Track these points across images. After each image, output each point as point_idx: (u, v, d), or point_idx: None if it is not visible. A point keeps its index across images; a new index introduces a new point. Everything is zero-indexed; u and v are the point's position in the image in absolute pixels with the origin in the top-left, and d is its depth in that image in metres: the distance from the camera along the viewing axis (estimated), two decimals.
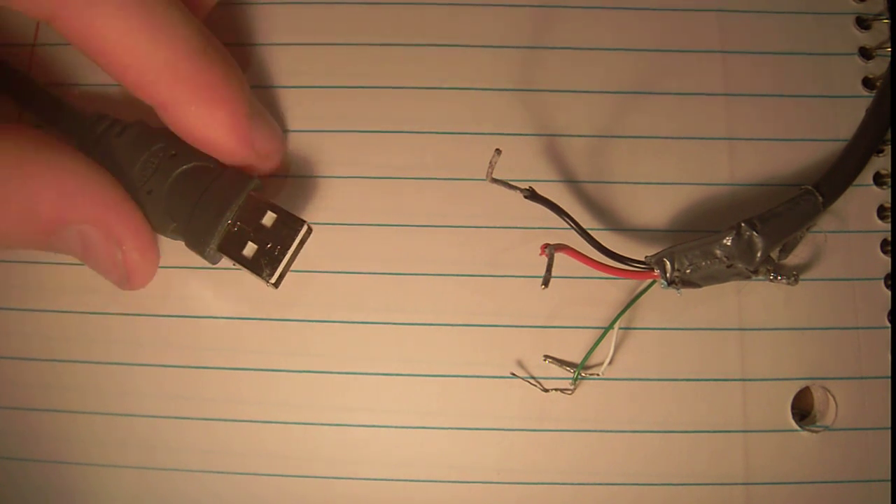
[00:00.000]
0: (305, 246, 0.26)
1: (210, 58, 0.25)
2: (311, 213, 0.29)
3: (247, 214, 0.26)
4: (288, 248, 0.25)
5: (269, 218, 0.25)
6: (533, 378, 0.28)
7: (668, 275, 0.26)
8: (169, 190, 0.26)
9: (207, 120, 0.25)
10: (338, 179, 0.29)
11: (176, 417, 0.28)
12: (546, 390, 0.27)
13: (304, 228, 0.25)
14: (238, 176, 0.26)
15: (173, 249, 0.28)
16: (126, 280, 0.26)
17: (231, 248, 0.26)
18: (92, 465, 0.28)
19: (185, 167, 0.26)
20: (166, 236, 0.27)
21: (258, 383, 0.28)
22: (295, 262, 0.26)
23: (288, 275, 0.26)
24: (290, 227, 0.25)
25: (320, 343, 0.28)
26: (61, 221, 0.24)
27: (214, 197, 0.25)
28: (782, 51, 0.30)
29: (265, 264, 0.25)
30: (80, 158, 0.25)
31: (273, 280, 0.25)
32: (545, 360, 0.28)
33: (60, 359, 0.28)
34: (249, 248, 0.25)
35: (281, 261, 0.25)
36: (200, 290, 0.28)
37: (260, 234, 0.25)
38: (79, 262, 0.26)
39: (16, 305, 0.28)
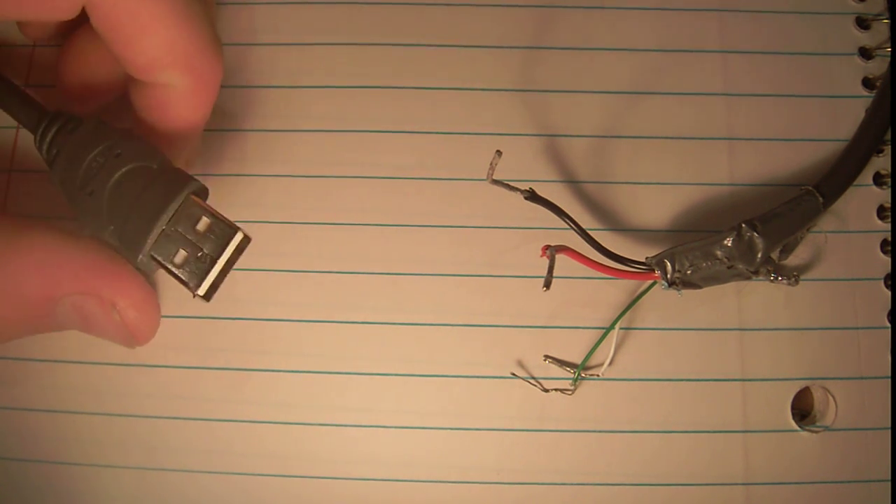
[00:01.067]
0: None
1: (215, 46, 0.25)
2: (311, 213, 0.29)
3: (184, 220, 0.24)
4: (218, 258, 0.23)
5: (204, 224, 0.24)
6: (533, 378, 0.28)
7: (668, 276, 0.26)
8: (110, 192, 0.24)
9: (193, 103, 0.25)
10: (338, 179, 0.29)
11: (175, 418, 0.28)
12: (546, 390, 0.27)
13: (239, 237, 0.24)
14: (178, 177, 0.24)
15: None
16: (131, 339, 0.26)
17: (164, 255, 0.24)
18: (91, 465, 0.28)
19: (127, 167, 0.24)
20: (104, 239, 0.25)
21: (258, 383, 0.28)
22: (295, 263, 0.26)
23: (288, 275, 0.26)
24: (224, 235, 0.24)
25: (320, 343, 0.28)
26: (50, 299, 0.24)
27: (151, 200, 0.24)
28: (782, 51, 0.30)
29: (192, 274, 0.24)
30: (56, 232, 0.24)
31: (201, 292, 0.24)
32: (545, 361, 0.28)
33: (59, 359, 0.28)
34: (181, 256, 0.24)
35: (209, 271, 0.23)
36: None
37: (194, 241, 0.24)
38: None
39: None
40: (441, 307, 0.28)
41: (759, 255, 0.26)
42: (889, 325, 0.28)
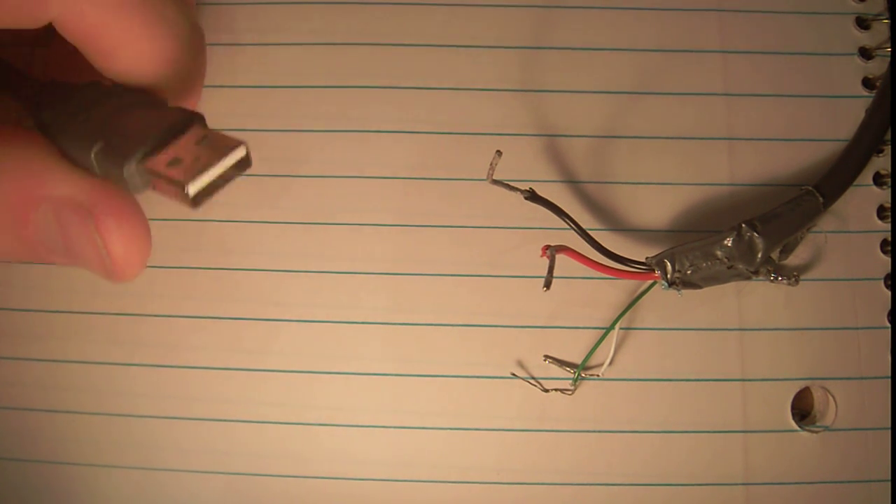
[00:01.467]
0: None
1: (195, 45, 0.25)
2: (311, 213, 0.29)
3: (181, 139, 0.22)
4: (218, 161, 0.21)
5: (204, 138, 0.22)
6: (533, 378, 0.28)
7: (668, 276, 0.26)
8: (105, 113, 0.23)
9: (179, 96, 0.25)
10: (338, 179, 0.29)
11: (175, 418, 0.28)
12: (546, 390, 0.28)
13: (242, 151, 0.22)
14: (180, 108, 0.23)
15: (173, 250, 0.28)
16: (111, 267, 0.23)
17: (155, 162, 0.22)
18: (90, 465, 0.28)
19: (125, 97, 0.23)
20: (87, 166, 0.23)
21: (258, 384, 0.28)
22: (295, 263, 0.26)
23: (288, 274, 0.26)
24: (225, 146, 0.22)
25: (320, 343, 0.28)
26: (31, 202, 0.23)
27: (149, 117, 0.23)
28: (782, 51, 0.30)
29: (186, 173, 0.21)
30: (37, 139, 0.23)
31: (191, 191, 0.21)
32: (545, 361, 0.28)
33: (58, 359, 0.28)
34: (173, 161, 0.22)
35: (203, 172, 0.21)
36: (200, 290, 0.28)
37: (191, 151, 0.22)
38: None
39: (15, 306, 0.28)
40: (441, 307, 0.28)
41: (760, 255, 0.26)
42: (889, 325, 0.28)
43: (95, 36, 0.23)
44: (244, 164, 0.22)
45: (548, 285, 0.24)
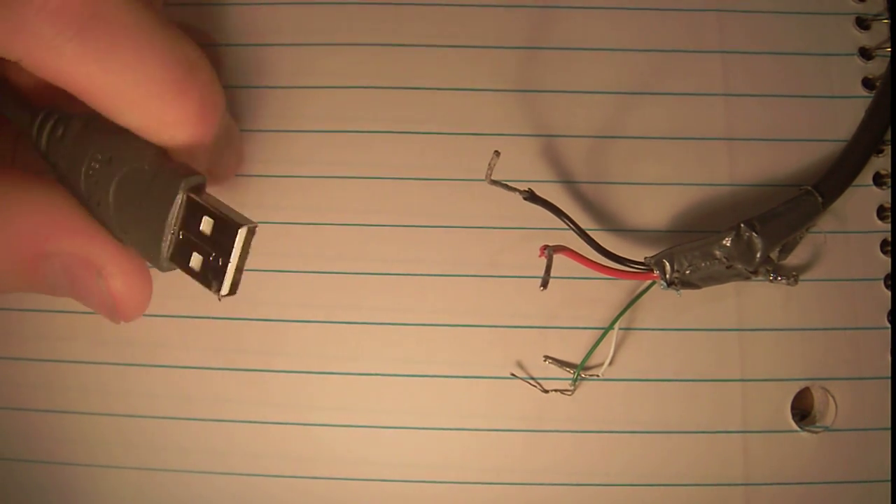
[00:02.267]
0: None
1: (182, 70, 0.23)
2: (311, 213, 0.29)
3: (189, 219, 0.23)
4: (229, 256, 0.22)
5: (207, 224, 0.23)
6: (533, 379, 0.28)
7: (667, 276, 0.26)
8: (113, 203, 0.24)
9: (175, 120, 0.24)
10: (338, 179, 0.29)
11: (179, 418, 0.28)
12: (546, 391, 0.27)
13: (244, 232, 0.22)
14: (170, 177, 0.23)
15: None
16: (114, 311, 0.24)
17: (180, 259, 0.23)
18: (94, 465, 0.28)
19: (121, 174, 0.23)
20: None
21: (258, 384, 0.28)
22: (294, 263, 0.26)
23: (287, 275, 0.26)
24: (229, 232, 0.23)
25: (319, 343, 0.28)
26: (40, 253, 0.23)
27: (150, 208, 0.23)
28: (782, 51, 0.30)
29: (212, 277, 0.23)
30: (55, 190, 0.24)
31: (223, 292, 0.23)
32: (545, 361, 0.28)
33: (63, 359, 0.28)
34: (196, 261, 0.23)
35: (225, 272, 0.22)
36: (200, 291, 0.28)
37: (203, 241, 0.23)
38: None
39: (18, 306, 0.28)
40: (441, 307, 0.28)
41: (759, 256, 0.26)
42: (889, 325, 0.28)
43: (73, 84, 0.22)
44: (251, 235, 0.23)
45: (545, 285, 0.24)
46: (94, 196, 0.24)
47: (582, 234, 0.26)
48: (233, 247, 0.22)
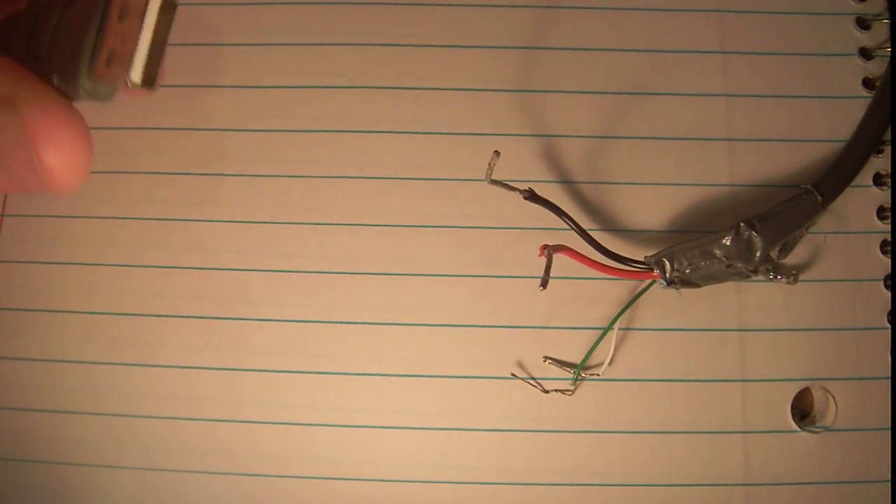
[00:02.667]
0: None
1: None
2: (311, 214, 0.29)
3: (107, 26, 0.20)
4: (140, 35, 0.20)
5: (122, 6, 0.20)
6: (533, 379, 0.28)
7: (667, 275, 0.26)
8: (49, 42, 0.21)
9: None
10: (338, 180, 0.29)
11: (175, 418, 0.28)
12: (546, 391, 0.27)
13: (156, 4, 0.20)
14: None
15: (173, 251, 0.28)
16: (43, 174, 0.21)
17: (99, 70, 0.20)
18: (90, 465, 0.28)
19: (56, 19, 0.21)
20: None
21: (257, 384, 0.28)
22: (294, 263, 0.26)
23: (287, 275, 0.26)
24: (140, 5, 0.20)
25: (320, 344, 0.28)
26: None
27: (72, 27, 0.20)
28: (782, 51, 0.30)
29: (124, 69, 0.20)
30: None
31: (136, 80, 0.20)
32: (545, 361, 0.28)
33: (58, 360, 0.28)
34: (113, 61, 0.20)
35: (135, 56, 0.20)
36: (201, 291, 0.28)
37: (118, 33, 0.20)
38: (76, 261, 0.26)
39: (15, 305, 0.28)
40: (441, 308, 0.28)
41: (758, 255, 0.26)
42: (889, 325, 0.28)
43: None
44: (169, 6, 0.20)
45: (544, 284, 0.24)
46: (34, 36, 0.21)
47: (582, 233, 0.26)
48: (144, 17, 0.20)
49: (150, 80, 0.20)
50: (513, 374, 0.28)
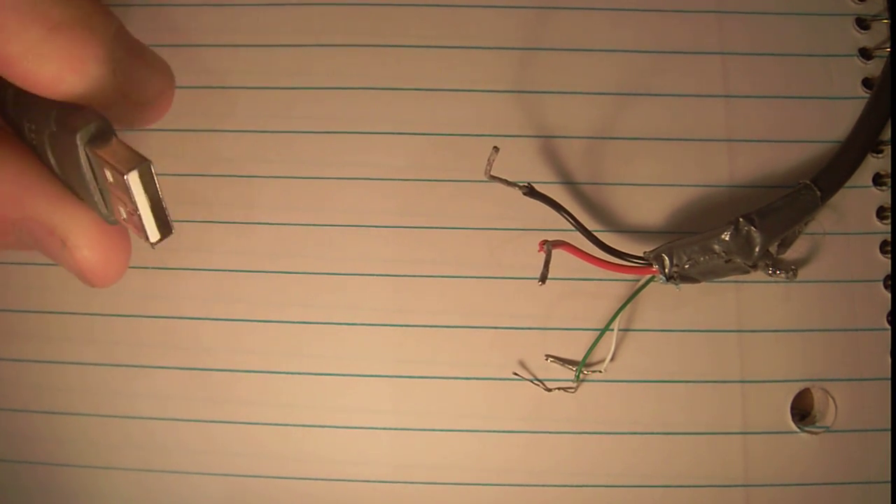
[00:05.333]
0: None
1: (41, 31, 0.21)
2: (311, 214, 0.29)
3: (98, 172, 0.22)
4: (137, 206, 0.21)
5: (110, 173, 0.21)
6: (535, 378, 0.28)
7: (666, 270, 0.26)
8: (56, 164, 0.23)
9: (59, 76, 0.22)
10: (337, 181, 0.29)
11: (173, 419, 0.28)
12: (549, 389, 0.27)
13: (135, 177, 0.21)
14: (69, 133, 0.22)
15: (173, 251, 0.28)
16: (84, 278, 0.24)
17: (118, 212, 0.22)
18: (88, 467, 0.28)
19: (45, 136, 0.23)
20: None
21: (256, 385, 0.28)
22: (294, 264, 0.26)
23: (287, 276, 0.26)
24: (125, 183, 0.21)
25: (319, 344, 0.28)
26: (7, 219, 0.23)
27: (73, 162, 0.22)
28: (782, 52, 0.30)
29: (139, 228, 0.22)
30: (32, 159, 0.23)
31: (152, 240, 0.22)
32: (547, 360, 0.28)
33: (56, 360, 0.28)
34: (123, 212, 0.22)
35: (144, 222, 0.22)
36: (198, 291, 0.28)
37: (117, 191, 0.22)
38: None
39: (14, 307, 0.28)
40: (441, 308, 0.28)
41: (757, 250, 0.26)
42: (888, 326, 0.28)
43: None
44: (147, 175, 0.21)
45: (543, 279, 0.24)
46: (46, 161, 0.23)
47: (581, 228, 0.26)
48: (134, 195, 0.21)
49: (166, 230, 0.22)
50: (515, 374, 0.28)
